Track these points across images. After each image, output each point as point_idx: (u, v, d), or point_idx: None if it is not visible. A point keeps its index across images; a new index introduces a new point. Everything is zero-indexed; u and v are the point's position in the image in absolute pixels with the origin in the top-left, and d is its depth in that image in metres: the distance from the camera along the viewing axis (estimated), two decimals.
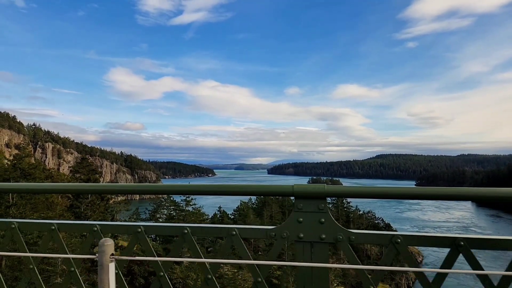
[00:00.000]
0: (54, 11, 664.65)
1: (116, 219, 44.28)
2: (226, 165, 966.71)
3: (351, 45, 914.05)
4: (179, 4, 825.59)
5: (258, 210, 72.67)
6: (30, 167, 38.92)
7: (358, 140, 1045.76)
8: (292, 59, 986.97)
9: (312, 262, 1.98)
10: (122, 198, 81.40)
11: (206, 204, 65.78)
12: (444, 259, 1.83)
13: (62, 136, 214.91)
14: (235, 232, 2.11)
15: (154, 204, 57.13)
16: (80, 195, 36.79)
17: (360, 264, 1.88)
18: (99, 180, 59.43)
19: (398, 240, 1.89)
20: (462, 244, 1.79)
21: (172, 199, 52.08)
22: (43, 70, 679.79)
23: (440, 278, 1.83)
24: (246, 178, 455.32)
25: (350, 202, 79.40)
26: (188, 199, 48.21)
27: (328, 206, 2.07)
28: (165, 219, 51.74)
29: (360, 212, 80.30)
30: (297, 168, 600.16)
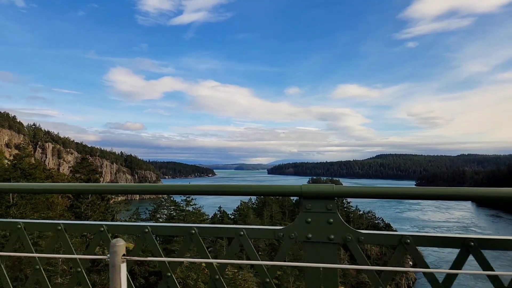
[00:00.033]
0: (54, 11, 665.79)
1: (117, 219, 44.22)
2: (226, 165, 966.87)
3: (351, 45, 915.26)
4: (179, 4, 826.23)
5: (258, 210, 72.57)
6: (31, 167, 38.90)
7: (358, 140, 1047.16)
8: (292, 59, 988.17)
9: (321, 263, 1.96)
10: (122, 198, 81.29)
11: (206, 204, 65.73)
12: (454, 259, 1.81)
13: (62, 136, 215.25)
14: (243, 233, 2.10)
15: (154, 204, 56.99)
16: (80, 195, 36.74)
17: (369, 265, 1.87)
18: (99, 180, 59.39)
19: (407, 241, 1.87)
20: (473, 244, 1.78)
21: (172, 199, 51.98)
22: (43, 70, 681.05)
23: (450, 279, 1.81)
24: (246, 178, 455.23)
25: (350, 202, 79.16)
26: (189, 199, 48.15)
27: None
28: (165, 219, 51.61)
29: (360, 212, 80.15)
30: (297, 168, 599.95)
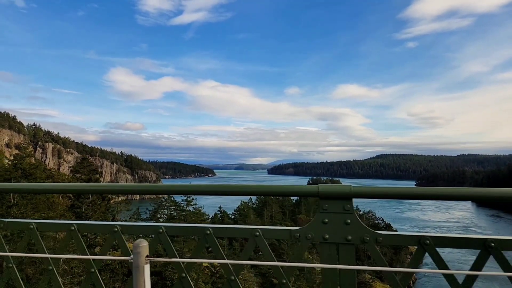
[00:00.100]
0: (54, 11, 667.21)
1: (117, 219, 44.21)
2: (226, 165, 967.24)
3: (351, 45, 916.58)
4: (179, 4, 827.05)
5: (259, 210, 72.58)
6: (31, 167, 38.84)
7: (358, 140, 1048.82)
8: (292, 59, 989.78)
9: (338, 264, 1.94)
10: (122, 198, 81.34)
11: (206, 204, 65.66)
12: (474, 261, 1.80)
13: (62, 136, 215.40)
14: (258, 233, 2.07)
15: (154, 204, 57.00)
16: (81, 195, 36.76)
17: (387, 266, 1.85)
18: (99, 180, 59.36)
19: (426, 242, 1.85)
20: (493, 245, 1.76)
21: (172, 199, 51.97)
22: (43, 70, 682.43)
23: (471, 280, 1.79)
24: (246, 178, 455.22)
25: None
26: (189, 199, 48.10)
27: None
28: (165, 219, 51.62)
29: (361, 212, 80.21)
30: (297, 168, 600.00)
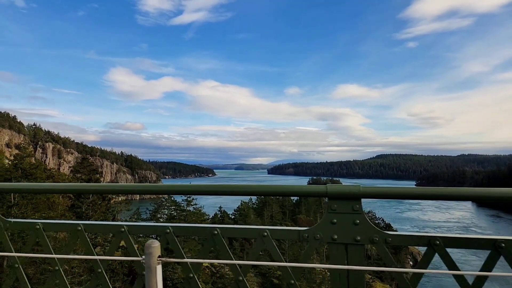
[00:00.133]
0: (54, 11, 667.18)
1: (117, 219, 44.19)
2: (226, 165, 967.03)
3: (351, 45, 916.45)
4: (179, 4, 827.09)
5: (259, 210, 72.61)
6: (32, 167, 38.84)
7: (358, 140, 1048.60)
8: (292, 59, 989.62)
9: (347, 265, 1.93)
10: (122, 198, 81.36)
11: (206, 204, 65.59)
12: (484, 261, 1.79)
13: (62, 136, 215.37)
14: (266, 233, 2.05)
15: (154, 204, 57.01)
16: (81, 195, 36.75)
17: (397, 267, 1.84)
18: (100, 180, 59.36)
19: (436, 242, 1.86)
20: (503, 246, 1.76)
21: (173, 199, 51.97)
22: (43, 70, 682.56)
23: (480, 281, 1.79)
24: (246, 178, 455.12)
25: None
26: (189, 199, 48.10)
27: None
28: (166, 219, 51.63)
29: None
30: (297, 168, 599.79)
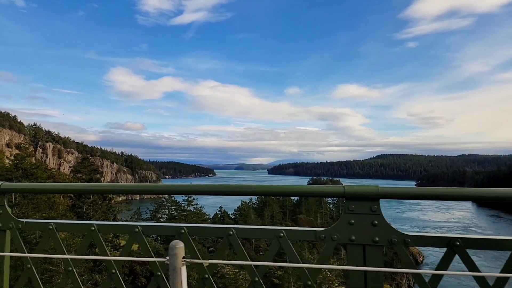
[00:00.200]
0: (54, 11, 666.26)
1: (118, 219, 44.27)
2: (226, 165, 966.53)
3: (351, 45, 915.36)
4: (179, 4, 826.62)
5: (259, 210, 72.56)
6: (32, 167, 38.97)
7: (358, 140, 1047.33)
8: (292, 59, 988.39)
9: (365, 266, 1.90)
10: (123, 198, 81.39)
11: (206, 204, 65.66)
12: (505, 262, 1.78)
13: (62, 136, 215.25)
14: (282, 234, 2.02)
15: (155, 204, 57.13)
16: (82, 195, 36.80)
17: (416, 268, 1.82)
18: (100, 180, 59.45)
19: (456, 243, 1.83)
20: None
21: (173, 199, 52.08)
22: (43, 70, 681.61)
23: (501, 282, 1.78)
24: (246, 178, 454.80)
25: None
26: (190, 199, 48.16)
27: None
28: (166, 219, 51.75)
29: None
30: (297, 168, 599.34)
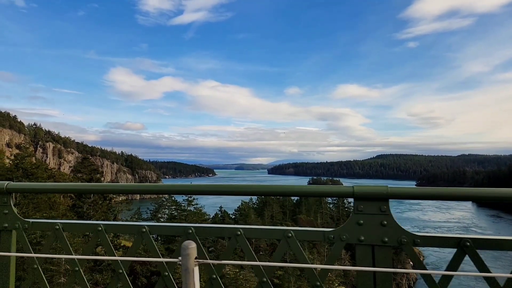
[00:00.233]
0: (54, 11, 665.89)
1: (118, 219, 44.30)
2: (226, 165, 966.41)
3: (351, 45, 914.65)
4: (179, 4, 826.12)
5: (259, 210, 72.56)
6: (33, 166, 39.02)
7: (358, 140, 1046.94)
8: (292, 59, 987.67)
9: (374, 267, 1.89)
10: (123, 197, 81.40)
11: (206, 204, 65.73)
12: None
13: (62, 136, 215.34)
14: (291, 234, 2.02)
15: (155, 204, 57.20)
16: (82, 194, 36.82)
17: (425, 269, 1.83)
18: (101, 180, 59.45)
19: (467, 244, 1.82)
20: None
21: (173, 199, 52.12)
22: (43, 70, 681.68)
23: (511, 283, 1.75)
24: (246, 178, 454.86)
25: (351, 202, 78.92)
26: (190, 199, 48.20)
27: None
28: (166, 219, 51.80)
29: None
30: (297, 168, 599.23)
